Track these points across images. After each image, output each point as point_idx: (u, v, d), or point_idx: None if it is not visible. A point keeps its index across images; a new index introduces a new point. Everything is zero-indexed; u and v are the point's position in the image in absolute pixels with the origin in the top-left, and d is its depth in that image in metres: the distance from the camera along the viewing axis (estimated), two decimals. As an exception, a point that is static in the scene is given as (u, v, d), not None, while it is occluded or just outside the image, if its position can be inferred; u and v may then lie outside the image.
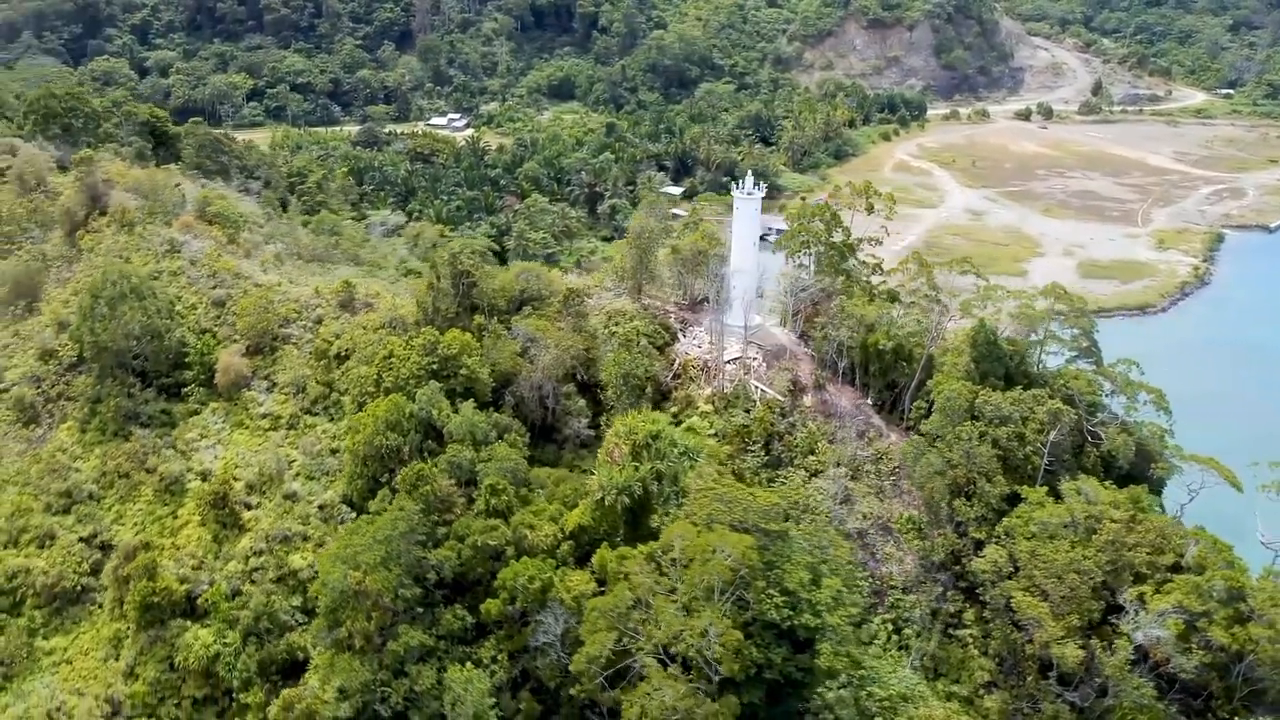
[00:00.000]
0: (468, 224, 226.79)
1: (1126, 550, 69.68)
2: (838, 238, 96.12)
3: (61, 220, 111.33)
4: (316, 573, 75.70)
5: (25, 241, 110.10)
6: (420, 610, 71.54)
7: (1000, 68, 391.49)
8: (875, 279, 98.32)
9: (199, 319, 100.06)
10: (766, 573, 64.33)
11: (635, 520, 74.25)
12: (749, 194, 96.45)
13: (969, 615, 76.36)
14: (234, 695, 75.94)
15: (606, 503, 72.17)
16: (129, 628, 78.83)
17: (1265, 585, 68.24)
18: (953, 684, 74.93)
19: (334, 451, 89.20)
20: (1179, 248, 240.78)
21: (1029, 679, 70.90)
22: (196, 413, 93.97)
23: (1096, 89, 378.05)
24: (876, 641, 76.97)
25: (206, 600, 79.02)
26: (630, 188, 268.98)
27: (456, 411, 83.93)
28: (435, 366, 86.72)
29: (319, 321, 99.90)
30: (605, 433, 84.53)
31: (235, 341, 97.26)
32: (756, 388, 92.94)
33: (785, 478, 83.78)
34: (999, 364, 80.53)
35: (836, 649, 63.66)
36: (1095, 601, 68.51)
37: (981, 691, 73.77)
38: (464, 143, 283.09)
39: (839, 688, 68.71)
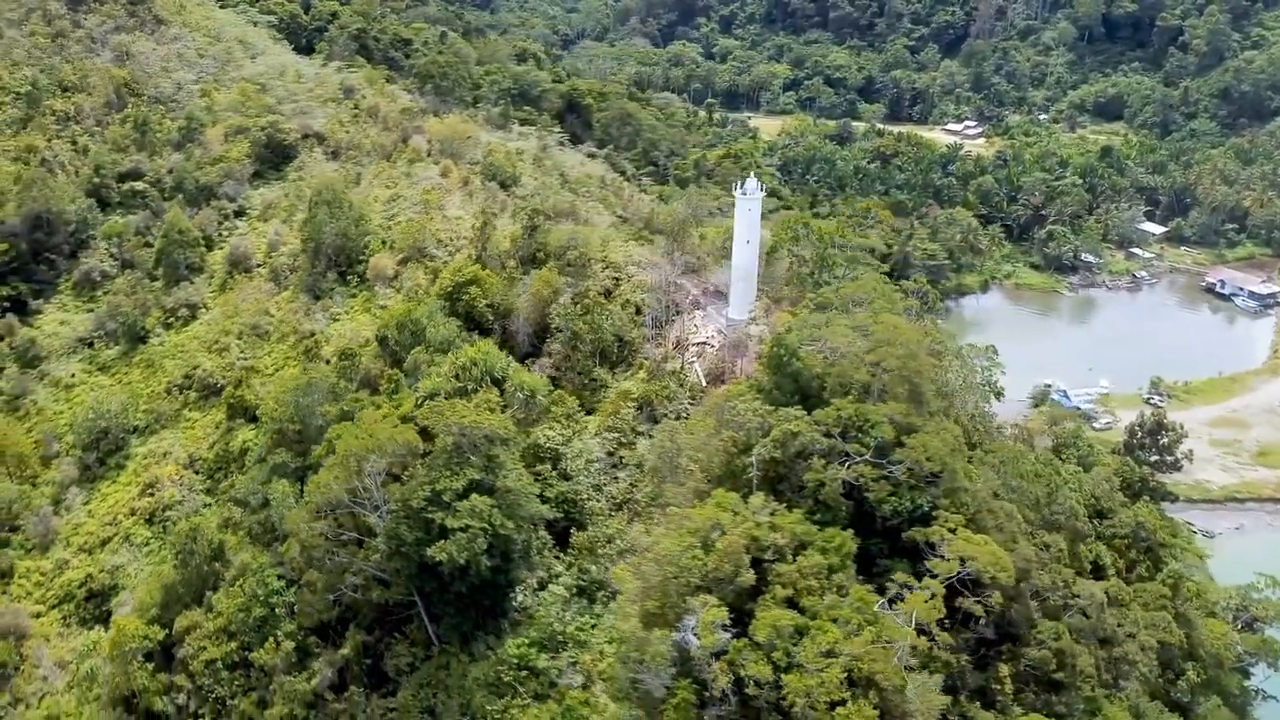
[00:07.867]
0: (865, 221, 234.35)
1: (739, 569, 70.09)
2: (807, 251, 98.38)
3: (379, 152, 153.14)
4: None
5: (356, 164, 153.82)
6: (301, 443, 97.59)
7: None
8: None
9: (393, 232, 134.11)
10: (429, 474, 79.07)
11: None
12: (746, 194, 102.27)
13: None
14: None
15: (417, 403, 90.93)
16: (223, 417, 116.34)
17: (825, 629, 64.93)
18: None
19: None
20: None
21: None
22: (354, 295, 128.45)
23: None
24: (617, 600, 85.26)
25: (261, 412, 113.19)
26: (1082, 219, 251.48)
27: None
28: (450, 290, 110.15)
29: (458, 250, 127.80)
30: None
31: (398, 251, 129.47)
32: (694, 370, 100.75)
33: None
34: (790, 380, 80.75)
35: (444, 548, 75.99)
36: (686, 599, 70.71)
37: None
38: (944, 149, 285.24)
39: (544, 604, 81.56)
